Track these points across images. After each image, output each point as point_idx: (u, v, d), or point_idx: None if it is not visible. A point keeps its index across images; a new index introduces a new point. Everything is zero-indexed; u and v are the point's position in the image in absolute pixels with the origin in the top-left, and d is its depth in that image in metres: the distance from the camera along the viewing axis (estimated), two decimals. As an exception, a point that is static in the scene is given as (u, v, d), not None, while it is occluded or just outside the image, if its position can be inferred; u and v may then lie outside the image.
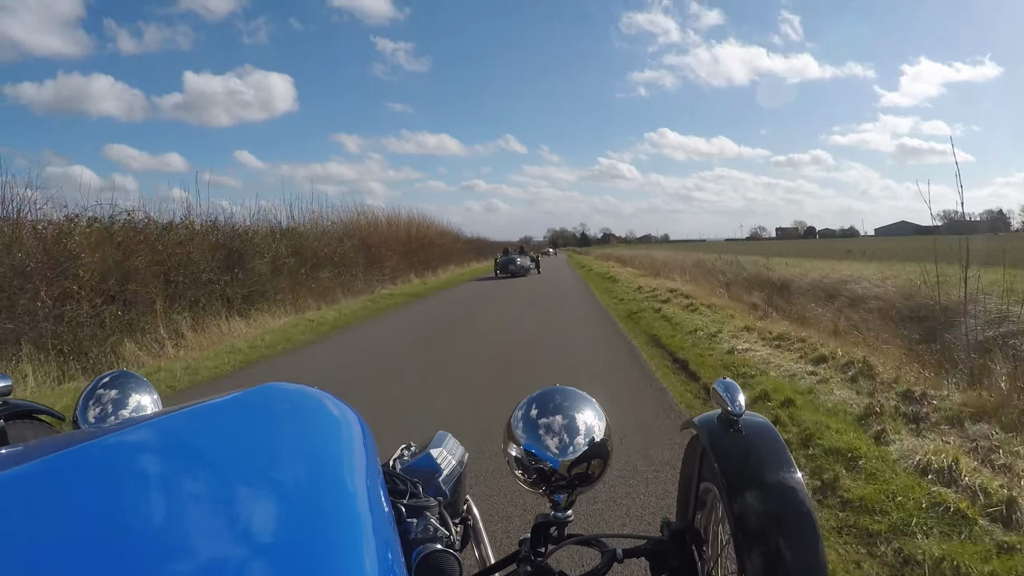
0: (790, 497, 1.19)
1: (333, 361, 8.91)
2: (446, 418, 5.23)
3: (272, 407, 1.04)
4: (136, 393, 1.62)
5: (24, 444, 1.04)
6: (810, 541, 1.15)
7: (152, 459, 0.82)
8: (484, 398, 6.06)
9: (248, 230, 14.74)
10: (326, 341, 10.93)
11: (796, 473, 1.23)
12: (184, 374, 8.14)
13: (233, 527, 0.71)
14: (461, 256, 43.21)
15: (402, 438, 1.60)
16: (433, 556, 0.99)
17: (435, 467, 1.38)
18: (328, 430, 1.02)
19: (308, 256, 16.78)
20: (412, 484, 1.22)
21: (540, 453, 1.36)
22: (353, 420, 1.08)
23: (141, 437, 0.87)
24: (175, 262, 11.39)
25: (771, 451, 1.27)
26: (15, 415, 2.11)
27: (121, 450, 0.82)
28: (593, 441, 1.37)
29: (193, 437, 0.89)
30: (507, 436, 1.42)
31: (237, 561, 0.65)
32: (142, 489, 0.74)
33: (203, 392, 6.46)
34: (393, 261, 24.10)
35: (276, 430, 0.99)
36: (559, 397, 1.42)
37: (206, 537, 0.68)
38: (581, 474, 1.37)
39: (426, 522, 1.09)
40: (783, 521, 1.17)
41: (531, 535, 1.38)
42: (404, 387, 6.71)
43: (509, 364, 7.85)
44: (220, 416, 0.95)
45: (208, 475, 0.79)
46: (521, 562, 1.32)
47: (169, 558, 0.63)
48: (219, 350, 9.81)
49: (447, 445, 1.47)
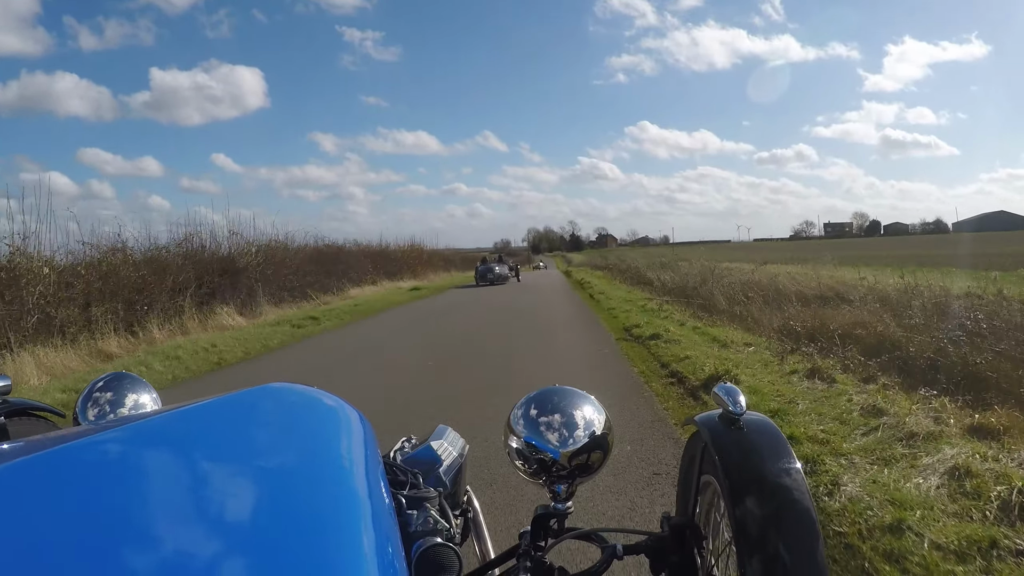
0: (790, 492, 1.19)
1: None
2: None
3: (271, 405, 1.05)
4: (135, 393, 1.63)
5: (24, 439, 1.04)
6: (810, 536, 1.15)
7: (151, 456, 0.82)
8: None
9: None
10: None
11: (797, 468, 1.23)
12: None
13: (232, 521, 0.71)
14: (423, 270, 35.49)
15: None
16: (433, 550, 1.00)
17: (435, 458, 1.38)
18: (327, 425, 1.02)
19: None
20: (413, 475, 1.23)
21: (541, 444, 1.37)
22: (353, 415, 1.08)
23: (141, 434, 0.87)
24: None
25: (772, 446, 1.28)
26: (15, 413, 2.11)
27: (120, 446, 0.82)
28: (594, 434, 1.39)
29: (191, 434, 0.89)
30: (507, 430, 1.43)
31: (237, 555, 0.66)
32: (141, 485, 0.74)
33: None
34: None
35: (275, 426, 0.99)
36: (558, 395, 1.44)
37: (205, 531, 0.68)
38: (581, 464, 1.38)
39: (426, 514, 1.09)
40: (783, 516, 1.17)
41: (531, 527, 1.38)
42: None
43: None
44: (219, 414, 0.96)
45: (206, 470, 0.80)
46: (521, 556, 1.33)
47: (168, 552, 0.64)
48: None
49: (447, 437, 1.48)
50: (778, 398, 5.36)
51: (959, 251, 33.78)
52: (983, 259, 21.22)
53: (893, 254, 27.80)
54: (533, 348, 9.47)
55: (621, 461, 4.12)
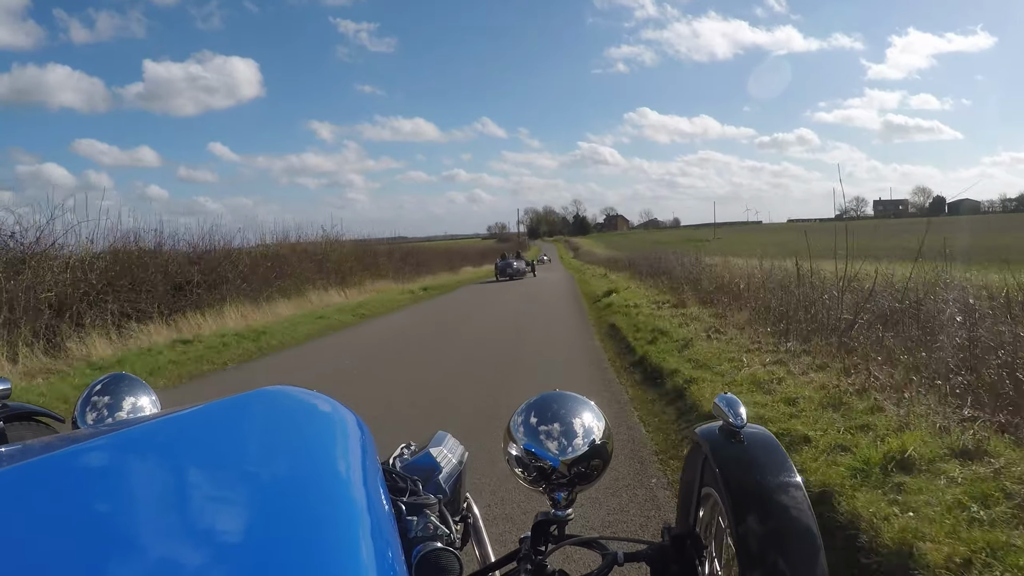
0: (791, 507, 1.19)
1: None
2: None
3: (270, 409, 1.04)
4: (135, 395, 1.63)
5: (23, 443, 1.04)
6: (811, 552, 1.16)
7: (151, 460, 0.81)
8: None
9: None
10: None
11: (798, 483, 1.23)
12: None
13: (231, 527, 0.71)
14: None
15: None
16: (433, 554, 0.99)
17: (435, 465, 1.38)
18: (326, 431, 1.02)
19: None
20: (412, 482, 1.23)
21: (540, 452, 1.37)
22: (351, 421, 1.08)
23: (138, 440, 0.86)
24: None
25: (772, 459, 1.28)
26: (14, 417, 2.11)
27: (118, 452, 0.82)
28: (593, 442, 1.38)
29: (191, 438, 0.88)
30: (507, 437, 1.43)
31: (235, 561, 0.65)
32: (138, 491, 0.73)
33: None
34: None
35: (274, 431, 0.99)
36: (558, 401, 1.43)
37: (202, 537, 0.68)
38: (581, 472, 1.38)
39: (426, 520, 1.09)
40: (784, 531, 1.17)
41: (531, 533, 1.38)
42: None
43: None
44: (218, 418, 0.95)
45: (205, 475, 0.79)
46: (521, 560, 1.33)
47: (165, 559, 0.63)
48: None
49: (447, 444, 1.48)
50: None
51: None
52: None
53: (996, 244, 16.07)
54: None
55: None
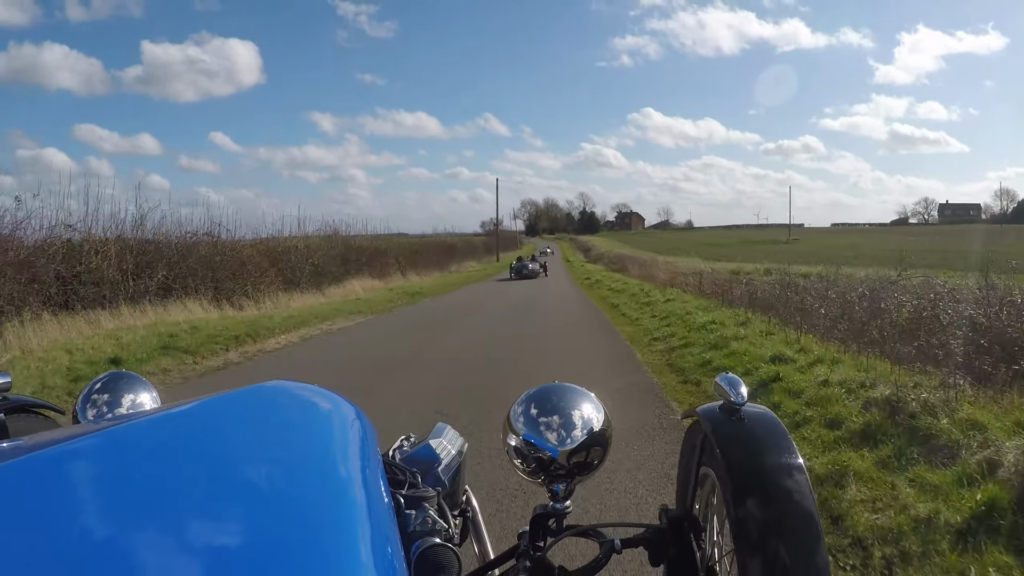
0: (792, 488, 1.18)
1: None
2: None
3: (270, 403, 1.04)
4: (135, 392, 1.64)
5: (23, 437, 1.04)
6: (810, 533, 1.15)
7: (151, 454, 0.81)
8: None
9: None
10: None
11: (799, 463, 1.22)
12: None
13: (231, 521, 0.71)
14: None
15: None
16: (432, 550, 1.00)
17: (434, 456, 1.38)
18: (327, 424, 1.02)
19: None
20: (411, 474, 1.23)
21: (539, 443, 1.37)
22: (352, 414, 1.08)
23: (138, 433, 0.86)
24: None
25: (773, 437, 1.27)
26: (15, 410, 2.11)
27: (119, 446, 0.82)
28: (592, 432, 1.39)
29: (191, 433, 0.89)
30: (506, 428, 1.43)
31: (235, 554, 0.65)
32: (138, 485, 0.74)
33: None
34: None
35: (274, 425, 0.99)
36: (558, 393, 1.43)
37: (201, 531, 0.68)
38: (580, 463, 1.38)
39: (425, 514, 1.09)
40: (784, 512, 1.16)
41: (530, 527, 1.38)
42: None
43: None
44: (218, 412, 0.95)
45: (203, 470, 0.79)
46: (520, 556, 1.33)
47: (166, 552, 0.64)
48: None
49: (446, 436, 1.48)
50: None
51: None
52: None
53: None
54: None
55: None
